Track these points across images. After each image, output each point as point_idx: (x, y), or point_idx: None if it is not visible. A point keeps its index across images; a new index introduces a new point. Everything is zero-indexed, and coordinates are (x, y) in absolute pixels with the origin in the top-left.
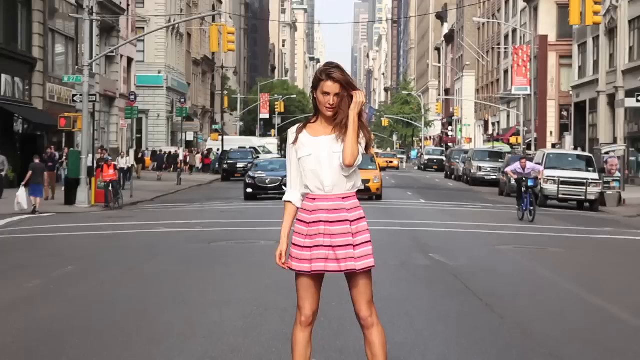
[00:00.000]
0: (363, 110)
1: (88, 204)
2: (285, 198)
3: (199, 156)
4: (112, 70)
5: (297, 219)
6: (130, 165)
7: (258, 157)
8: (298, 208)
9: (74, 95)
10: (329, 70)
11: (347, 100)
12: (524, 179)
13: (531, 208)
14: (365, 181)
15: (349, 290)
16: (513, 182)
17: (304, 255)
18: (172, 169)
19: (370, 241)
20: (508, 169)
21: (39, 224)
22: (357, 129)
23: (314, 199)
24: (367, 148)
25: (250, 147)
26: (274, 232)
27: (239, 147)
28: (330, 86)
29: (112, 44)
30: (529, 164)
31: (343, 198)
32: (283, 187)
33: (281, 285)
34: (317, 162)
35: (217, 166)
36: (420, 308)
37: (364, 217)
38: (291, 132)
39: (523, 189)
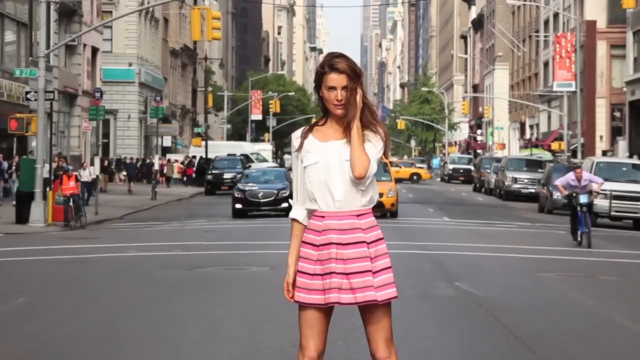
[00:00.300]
0: (373, 106)
1: (44, 222)
2: (291, 215)
3: (177, 165)
4: (74, 62)
5: (304, 242)
6: (94, 177)
7: (249, 166)
8: (306, 229)
9: (27, 93)
10: (332, 61)
11: (356, 94)
12: (574, 194)
13: (586, 230)
14: None
15: (364, 325)
16: (557, 196)
17: (315, 284)
18: (146, 181)
19: (391, 267)
20: (558, 182)
21: None
22: (361, 135)
23: (323, 217)
24: (384, 153)
25: (241, 155)
26: (268, 256)
27: (228, 155)
28: (335, 79)
29: (74, 31)
30: (585, 174)
31: (358, 215)
32: (289, 200)
33: (277, 320)
34: (326, 172)
35: (186, 176)
36: (443, 348)
37: (382, 239)
38: (295, 136)
39: (578, 207)
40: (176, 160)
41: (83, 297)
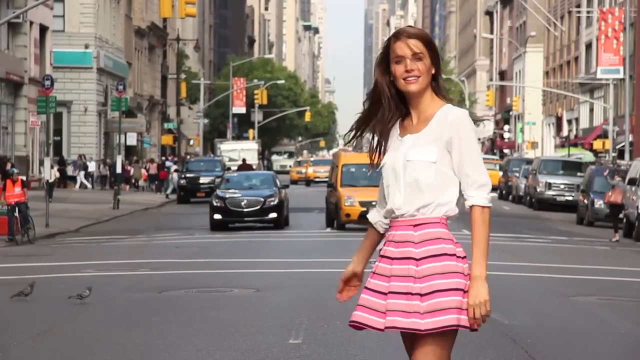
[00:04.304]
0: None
1: None
2: (369, 217)
3: (144, 169)
4: (18, 44)
5: (381, 255)
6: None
7: (229, 169)
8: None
9: None
10: (399, 30)
11: (430, 71)
12: None
13: None
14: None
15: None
16: (599, 205)
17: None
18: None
19: (452, 289)
20: None
21: None
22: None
23: (392, 227)
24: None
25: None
26: (253, 276)
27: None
28: (402, 46)
29: (18, 6)
30: None
31: (415, 226)
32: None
33: (264, 352)
34: (393, 175)
35: (157, 181)
36: None
37: (445, 255)
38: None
39: None
40: (137, 161)
41: (30, 326)
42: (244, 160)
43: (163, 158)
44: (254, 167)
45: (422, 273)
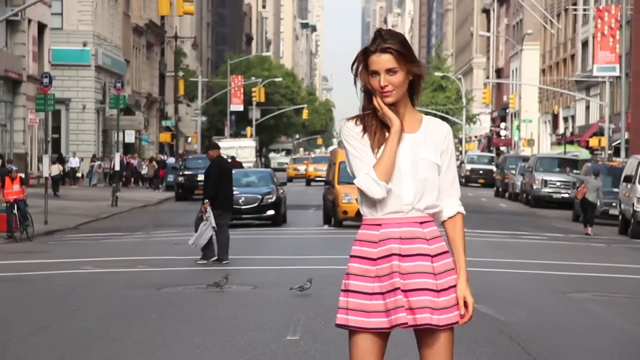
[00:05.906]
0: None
1: None
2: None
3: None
4: (16, 41)
5: (355, 256)
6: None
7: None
8: (356, 241)
9: None
10: (375, 43)
11: (406, 80)
12: None
13: None
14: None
15: (419, 349)
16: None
17: (376, 305)
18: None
19: (455, 286)
20: None
21: None
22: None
23: (379, 225)
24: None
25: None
26: (250, 273)
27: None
28: (376, 61)
29: (16, 4)
30: None
31: (421, 223)
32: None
33: (262, 348)
34: (396, 172)
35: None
36: None
37: (448, 252)
38: (348, 126)
39: None
40: (151, 160)
41: (28, 323)
42: (232, 157)
43: (163, 157)
44: (252, 165)
45: (438, 269)
